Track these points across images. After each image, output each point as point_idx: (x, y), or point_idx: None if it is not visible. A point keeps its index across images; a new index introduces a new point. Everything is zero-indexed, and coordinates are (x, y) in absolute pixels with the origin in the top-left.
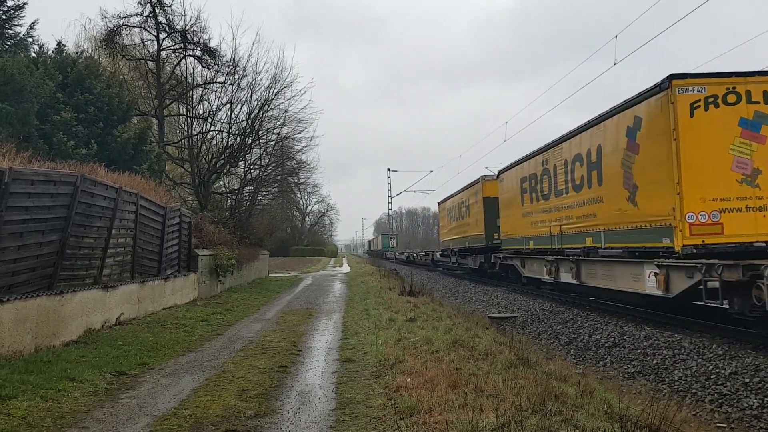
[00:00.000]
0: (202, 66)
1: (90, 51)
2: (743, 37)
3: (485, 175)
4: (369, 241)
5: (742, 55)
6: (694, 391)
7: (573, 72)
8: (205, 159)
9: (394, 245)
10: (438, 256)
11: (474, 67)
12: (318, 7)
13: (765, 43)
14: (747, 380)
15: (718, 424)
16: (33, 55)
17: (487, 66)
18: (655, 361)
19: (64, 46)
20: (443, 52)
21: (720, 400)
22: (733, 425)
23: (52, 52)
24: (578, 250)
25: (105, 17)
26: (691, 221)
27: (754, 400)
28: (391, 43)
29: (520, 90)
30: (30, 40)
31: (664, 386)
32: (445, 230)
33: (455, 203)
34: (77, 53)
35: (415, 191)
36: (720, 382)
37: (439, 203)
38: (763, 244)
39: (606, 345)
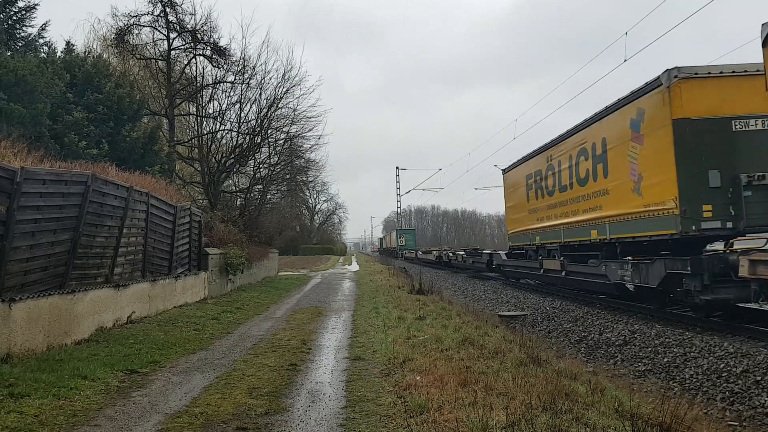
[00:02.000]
0: (212, 65)
1: (99, 50)
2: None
3: (681, 69)
4: (380, 239)
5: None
6: (705, 389)
7: (579, 71)
8: (214, 158)
9: (412, 242)
10: (503, 257)
11: (475, 69)
12: (319, 12)
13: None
14: (759, 378)
15: (729, 422)
16: (43, 55)
17: (488, 68)
18: (666, 359)
19: (73, 45)
20: (445, 55)
21: (731, 399)
22: (744, 423)
23: (62, 52)
24: None
25: (116, 16)
26: None
27: (766, 399)
28: (393, 48)
29: (522, 91)
30: (41, 41)
31: (675, 384)
32: (523, 213)
33: (555, 159)
34: (86, 52)
35: (423, 189)
36: (731, 380)
37: (504, 171)
38: None
39: (617, 343)
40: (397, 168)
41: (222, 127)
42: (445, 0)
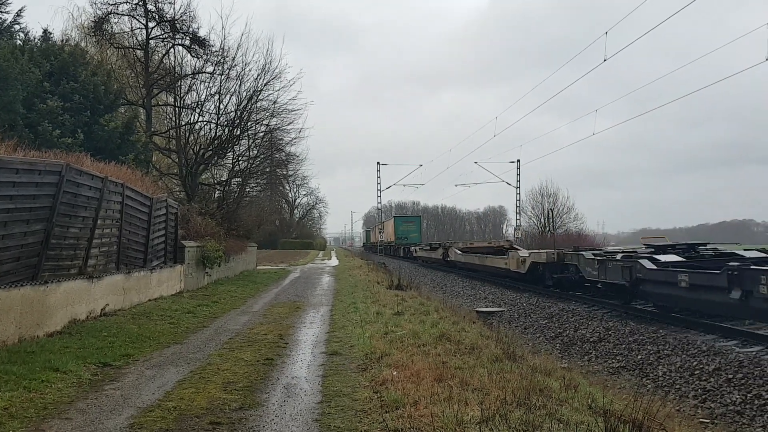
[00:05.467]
0: (191, 55)
1: (77, 39)
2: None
3: None
4: (366, 231)
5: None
6: (677, 386)
7: (556, 73)
8: (192, 150)
9: (416, 235)
10: None
11: (449, 72)
12: (296, 16)
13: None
14: (730, 376)
15: (701, 420)
16: (18, 42)
17: (461, 71)
18: (639, 357)
19: (50, 33)
20: (421, 59)
21: (703, 396)
22: (716, 420)
23: (38, 39)
24: None
25: (94, 4)
26: None
27: (737, 396)
28: (369, 52)
29: (494, 94)
30: (17, 27)
31: (648, 381)
32: None
33: None
34: (63, 40)
35: (404, 185)
36: (704, 378)
37: None
38: None
39: (591, 340)
40: (378, 163)
41: (200, 119)
42: (421, 6)
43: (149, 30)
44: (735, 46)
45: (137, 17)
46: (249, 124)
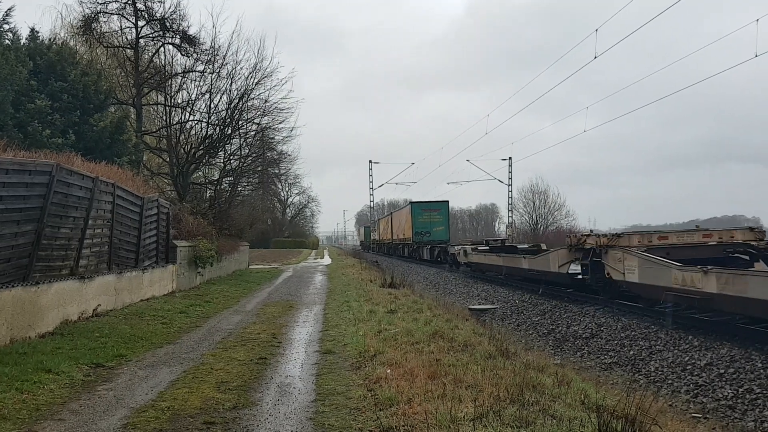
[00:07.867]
0: (181, 54)
1: (66, 38)
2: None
3: None
4: (366, 227)
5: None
6: (670, 381)
7: (545, 71)
8: (183, 149)
9: (443, 230)
10: None
11: (436, 75)
12: (285, 20)
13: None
14: (722, 371)
15: (693, 414)
16: (7, 42)
17: (448, 75)
18: (631, 352)
19: (38, 32)
20: (407, 62)
21: (695, 391)
22: (708, 415)
23: (26, 39)
24: None
25: (82, 2)
26: None
27: (729, 391)
28: (356, 55)
29: (480, 96)
30: (5, 27)
31: (640, 377)
32: None
33: None
34: (50, 39)
35: (396, 183)
36: (695, 373)
37: None
38: None
39: (584, 336)
40: (370, 161)
41: (191, 118)
42: (407, 11)
43: (139, 29)
44: (713, 48)
45: (126, 16)
46: (240, 122)
